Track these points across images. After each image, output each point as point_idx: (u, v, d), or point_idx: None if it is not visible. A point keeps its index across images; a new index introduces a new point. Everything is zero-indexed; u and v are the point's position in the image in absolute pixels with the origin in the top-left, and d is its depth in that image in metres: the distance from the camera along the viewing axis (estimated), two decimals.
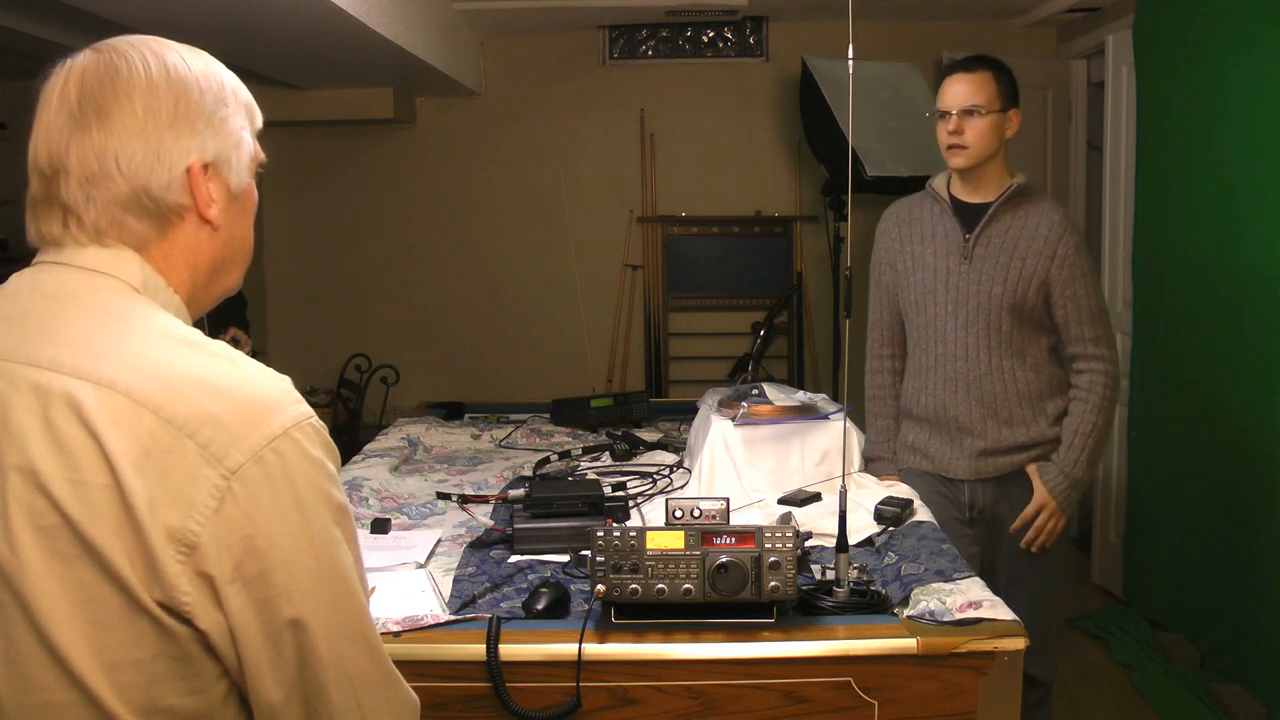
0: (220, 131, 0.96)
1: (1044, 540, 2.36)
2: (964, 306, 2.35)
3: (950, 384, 2.39)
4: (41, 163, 0.92)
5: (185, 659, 0.85)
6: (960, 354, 2.37)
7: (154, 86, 0.92)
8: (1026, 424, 2.37)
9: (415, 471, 2.48)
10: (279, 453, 0.86)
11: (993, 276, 2.32)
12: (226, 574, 0.83)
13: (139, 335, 0.88)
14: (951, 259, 2.37)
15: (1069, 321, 2.33)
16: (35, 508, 0.82)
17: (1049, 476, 2.35)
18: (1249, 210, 3.15)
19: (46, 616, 0.81)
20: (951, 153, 2.34)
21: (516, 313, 5.17)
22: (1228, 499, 3.26)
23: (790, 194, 5.05)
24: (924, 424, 2.45)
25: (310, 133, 5.01)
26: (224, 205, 0.97)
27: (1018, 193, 2.35)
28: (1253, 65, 3.10)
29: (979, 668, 1.45)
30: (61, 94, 0.92)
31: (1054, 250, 2.30)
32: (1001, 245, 2.33)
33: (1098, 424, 2.33)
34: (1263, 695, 3.00)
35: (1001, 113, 2.33)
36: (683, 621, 1.50)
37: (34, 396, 0.84)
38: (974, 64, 2.36)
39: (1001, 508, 2.40)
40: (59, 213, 0.92)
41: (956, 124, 2.31)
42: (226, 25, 3.12)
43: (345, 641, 0.90)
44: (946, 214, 2.40)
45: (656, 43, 5.05)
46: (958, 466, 2.40)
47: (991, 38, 4.77)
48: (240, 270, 1.04)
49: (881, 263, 2.53)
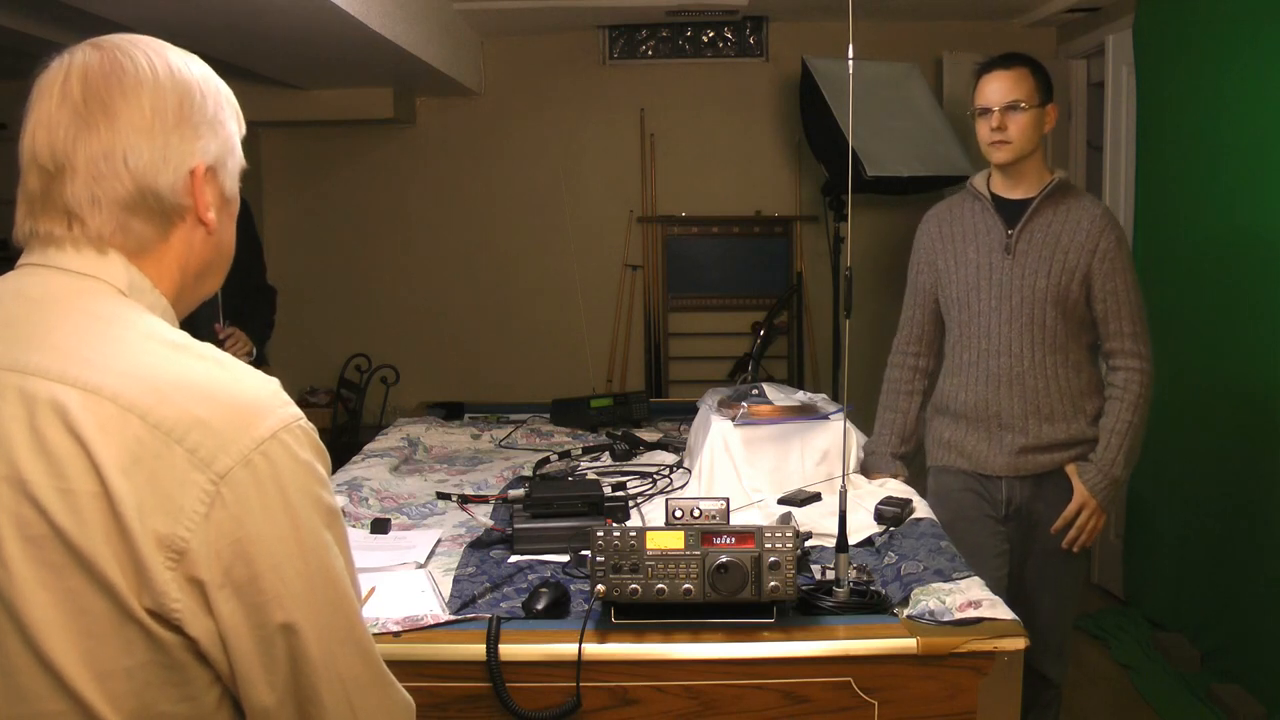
0: (219, 135, 0.97)
1: (1085, 540, 2.36)
2: (1007, 302, 2.36)
3: (993, 380, 2.39)
4: (43, 158, 0.90)
5: (175, 667, 0.84)
6: (1004, 349, 2.37)
7: (160, 87, 0.92)
8: (1067, 421, 2.36)
9: (415, 471, 2.48)
10: (268, 456, 0.85)
11: (1036, 270, 2.33)
12: (216, 579, 0.82)
13: (124, 339, 0.88)
14: (994, 254, 2.38)
15: (1108, 316, 2.33)
16: (23, 518, 0.81)
17: (1088, 476, 2.34)
18: (1249, 209, 3.15)
19: (37, 627, 0.81)
20: (994, 148, 2.35)
21: (516, 313, 5.17)
22: (1228, 499, 3.27)
23: (790, 194, 5.05)
24: (961, 420, 2.44)
25: (310, 133, 5.01)
26: (218, 209, 0.98)
27: (1059, 188, 2.36)
28: (1252, 65, 3.10)
29: (979, 668, 1.45)
30: (64, 88, 0.90)
31: (1096, 244, 2.31)
32: (1044, 239, 2.34)
33: (1134, 422, 2.33)
34: (1263, 695, 3.00)
35: (1040, 107, 2.34)
36: (683, 621, 1.49)
37: (20, 403, 0.83)
38: (1010, 61, 2.37)
39: (1037, 506, 2.40)
40: (61, 215, 0.91)
41: (999, 120, 2.32)
42: (226, 25, 3.12)
43: (337, 645, 0.89)
44: (988, 210, 2.41)
45: (656, 43, 5.05)
46: (996, 463, 2.40)
47: (991, 38, 4.76)
48: (222, 274, 1.03)
49: (920, 262, 2.53)
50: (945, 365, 2.51)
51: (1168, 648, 3.41)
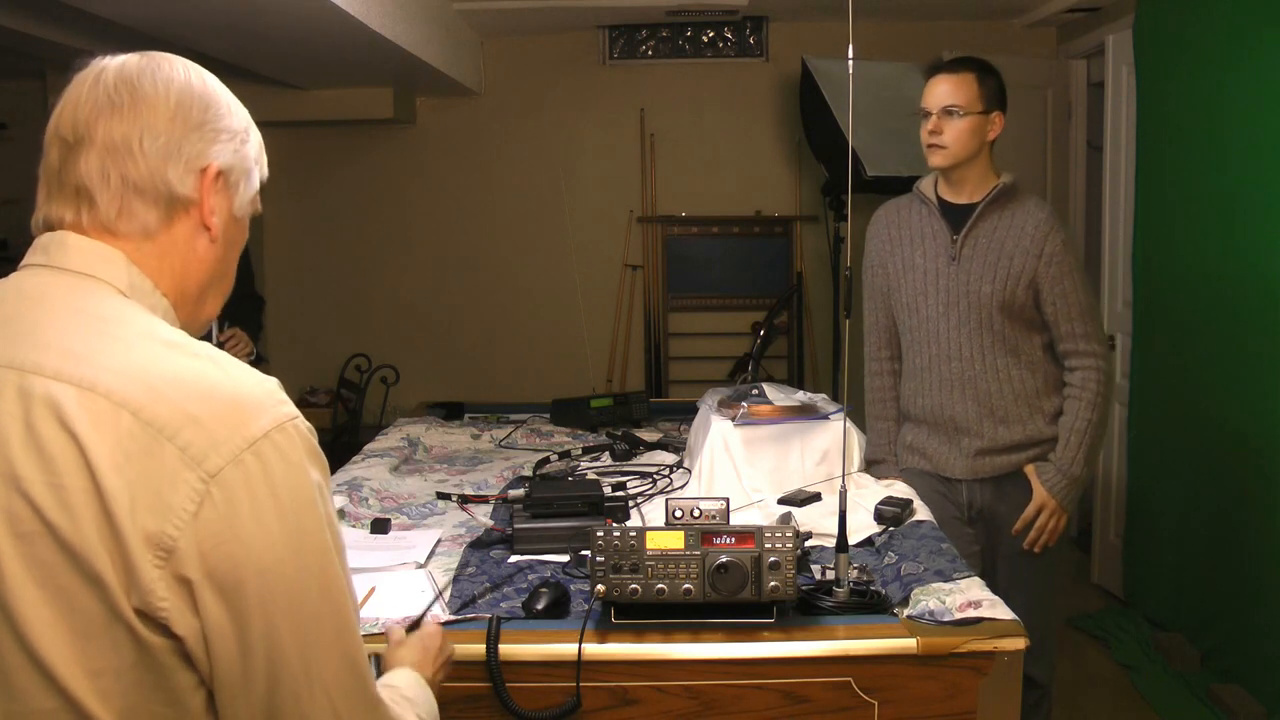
0: (239, 153, 0.99)
1: (1046, 540, 2.36)
2: (955, 307, 2.36)
3: (946, 384, 2.39)
4: (65, 131, 0.93)
5: (161, 670, 0.83)
6: (955, 354, 2.38)
7: (190, 88, 0.96)
8: (1023, 422, 2.37)
9: (415, 471, 2.48)
10: (260, 456, 0.84)
11: (981, 276, 2.33)
12: (203, 579, 0.82)
13: (121, 337, 0.88)
14: (940, 260, 2.38)
15: (1059, 319, 2.34)
16: (16, 514, 0.81)
17: (1047, 476, 2.35)
18: (1249, 210, 3.15)
19: (29, 624, 0.80)
20: (930, 152, 2.36)
21: (516, 313, 5.17)
22: (1228, 499, 3.26)
23: (790, 194, 5.05)
24: (922, 424, 2.46)
25: (310, 133, 5.01)
26: (224, 221, 0.99)
27: (1003, 193, 2.36)
28: (1252, 65, 3.10)
29: (979, 668, 1.45)
30: (98, 77, 0.94)
31: (1041, 248, 2.31)
32: (989, 245, 2.34)
33: (1092, 420, 2.34)
34: (1263, 695, 2.99)
35: (983, 114, 2.33)
36: (683, 621, 1.49)
37: (16, 400, 0.83)
38: (958, 65, 2.37)
39: (1000, 508, 2.41)
40: (71, 196, 0.92)
41: (936, 124, 2.33)
42: (226, 25, 3.11)
43: (323, 656, 0.87)
44: (934, 215, 2.41)
45: (656, 43, 5.05)
46: (955, 466, 2.40)
47: (991, 38, 4.76)
48: (221, 298, 1.04)
49: (874, 265, 2.53)
50: (904, 369, 2.52)
51: (1168, 648, 3.41)
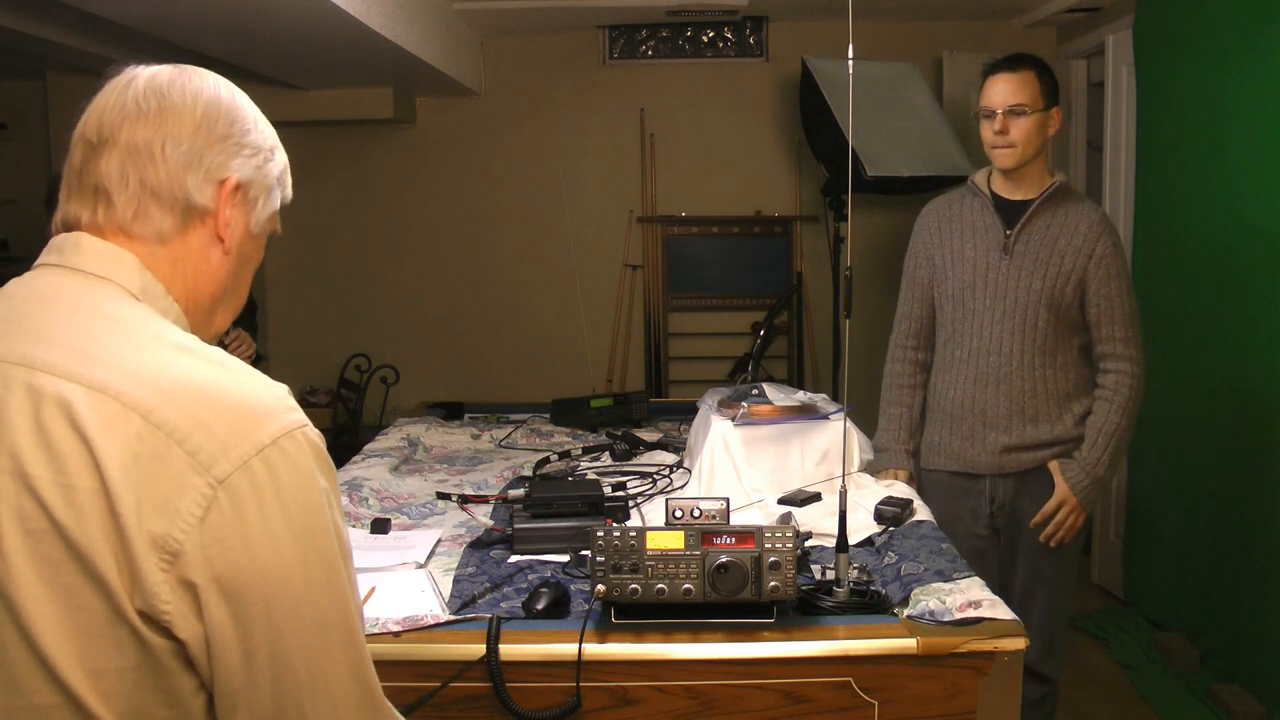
0: (261, 169, 1.00)
1: (1063, 536, 2.37)
2: (1001, 302, 2.37)
3: (981, 379, 2.40)
4: (90, 133, 0.94)
5: (162, 672, 0.83)
6: (994, 349, 2.38)
7: (219, 101, 0.97)
8: (1051, 422, 2.38)
9: (415, 471, 2.48)
10: (268, 463, 0.85)
11: (1032, 272, 2.34)
12: (208, 584, 0.82)
13: (133, 339, 0.88)
14: (992, 254, 2.38)
15: (1100, 321, 2.35)
16: (24, 511, 0.81)
17: (1070, 473, 2.35)
18: (1248, 209, 3.15)
19: (33, 621, 0.81)
20: (997, 153, 2.35)
21: (516, 313, 5.17)
22: (1228, 499, 3.27)
23: (790, 194, 5.05)
24: (948, 418, 2.46)
25: (310, 133, 5.01)
26: (240, 235, 1.00)
27: (1058, 191, 2.37)
28: (1252, 65, 3.10)
29: (979, 668, 1.45)
30: (129, 84, 0.95)
31: (1092, 249, 2.32)
32: (1042, 242, 2.35)
33: (1121, 424, 2.35)
34: (1263, 695, 3.00)
35: (1045, 111, 2.34)
36: (683, 621, 1.49)
37: (27, 399, 0.84)
38: (1017, 63, 2.36)
39: (1022, 503, 2.41)
40: (90, 195, 0.93)
41: (1002, 123, 2.32)
42: (226, 25, 3.11)
43: (328, 663, 0.87)
44: (987, 209, 2.41)
45: (656, 43, 5.05)
46: (980, 461, 2.42)
47: (991, 38, 4.76)
48: (232, 313, 1.05)
49: (918, 256, 2.53)
50: (936, 362, 2.52)
51: (1168, 648, 3.41)
